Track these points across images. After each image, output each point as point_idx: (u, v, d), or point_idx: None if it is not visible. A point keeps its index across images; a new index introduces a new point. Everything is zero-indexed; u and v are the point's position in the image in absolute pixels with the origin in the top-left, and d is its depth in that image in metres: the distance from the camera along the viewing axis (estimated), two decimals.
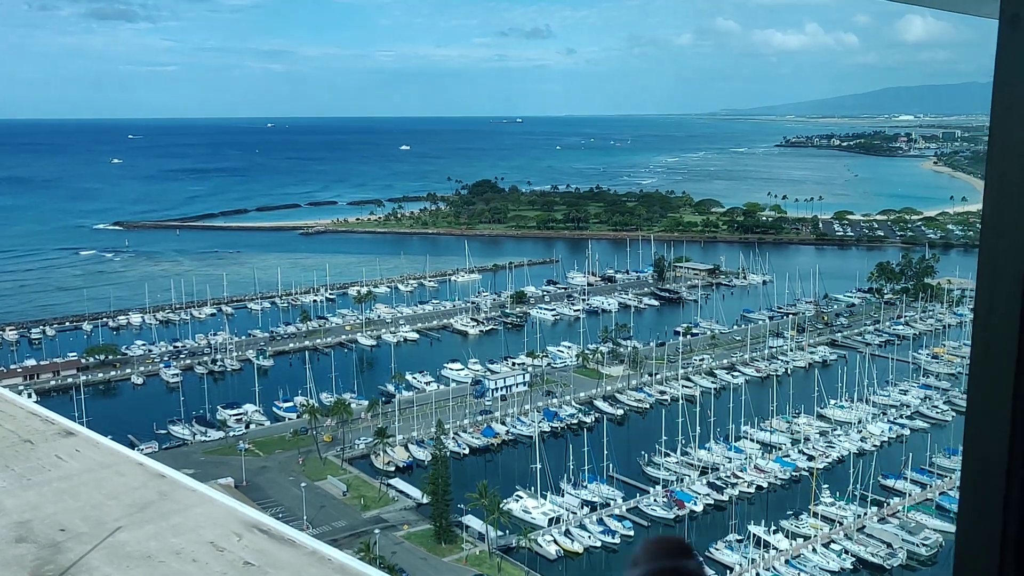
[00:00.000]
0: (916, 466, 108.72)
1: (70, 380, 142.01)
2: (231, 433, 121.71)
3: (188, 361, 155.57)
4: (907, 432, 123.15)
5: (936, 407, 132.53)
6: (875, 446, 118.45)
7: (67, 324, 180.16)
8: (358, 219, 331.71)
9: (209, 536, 7.40)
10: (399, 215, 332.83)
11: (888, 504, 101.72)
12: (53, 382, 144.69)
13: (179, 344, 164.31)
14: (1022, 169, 1.90)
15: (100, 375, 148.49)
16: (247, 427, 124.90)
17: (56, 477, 8.60)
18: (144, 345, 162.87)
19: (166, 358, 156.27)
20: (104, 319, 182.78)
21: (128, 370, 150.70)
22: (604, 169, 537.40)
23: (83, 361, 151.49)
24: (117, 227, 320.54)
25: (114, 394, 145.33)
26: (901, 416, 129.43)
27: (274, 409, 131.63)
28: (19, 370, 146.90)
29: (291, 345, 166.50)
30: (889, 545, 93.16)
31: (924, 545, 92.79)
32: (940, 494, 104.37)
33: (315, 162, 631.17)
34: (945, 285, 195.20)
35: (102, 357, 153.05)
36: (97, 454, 9.15)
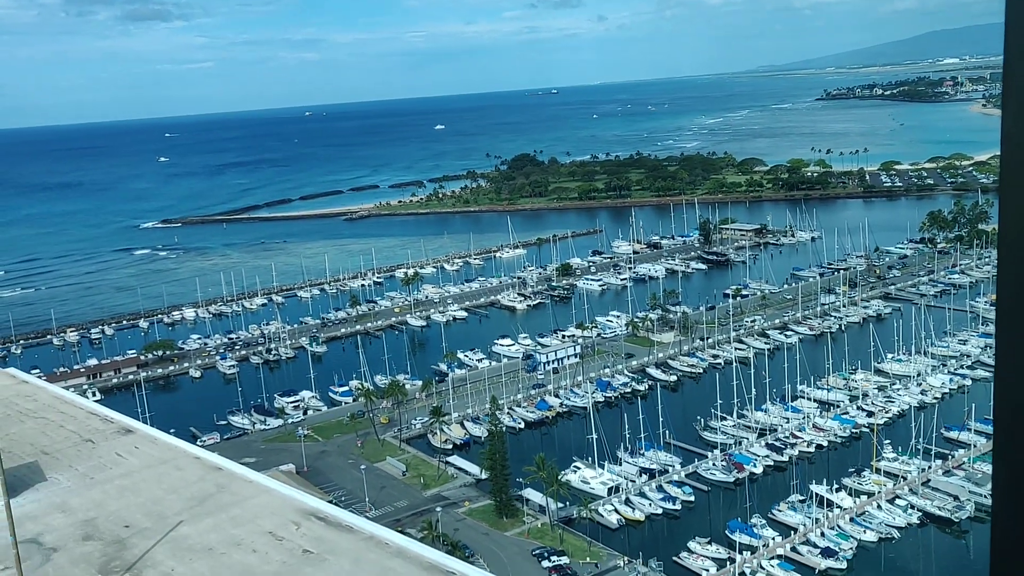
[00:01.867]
0: (980, 416, 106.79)
1: (131, 377, 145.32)
2: (289, 420, 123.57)
3: (243, 352, 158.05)
4: (968, 383, 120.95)
5: None
6: (936, 398, 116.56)
7: (124, 323, 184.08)
8: (400, 201, 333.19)
9: (268, 526, 7.48)
10: (440, 195, 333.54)
11: (953, 456, 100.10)
12: (115, 380, 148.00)
13: (233, 336, 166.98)
14: None
15: (159, 370, 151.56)
16: (305, 413, 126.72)
17: (118, 474, 8.75)
18: (199, 339, 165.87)
19: (221, 350, 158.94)
20: (159, 315, 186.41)
21: (186, 364, 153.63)
22: (646, 135, 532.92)
23: (142, 358, 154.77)
24: (166, 225, 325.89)
25: (174, 388, 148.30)
26: (962, 367, 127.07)
27: (330, 394, 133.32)
28: (82, 370, 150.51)
29: (342, 330, 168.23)
30: (956, 498, 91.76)
31: (991, 496, 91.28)
32: None
33: (354, 147, 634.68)
34: None
35: (160, 353, 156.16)
36: (155, 450, 9.30)
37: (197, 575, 6.68)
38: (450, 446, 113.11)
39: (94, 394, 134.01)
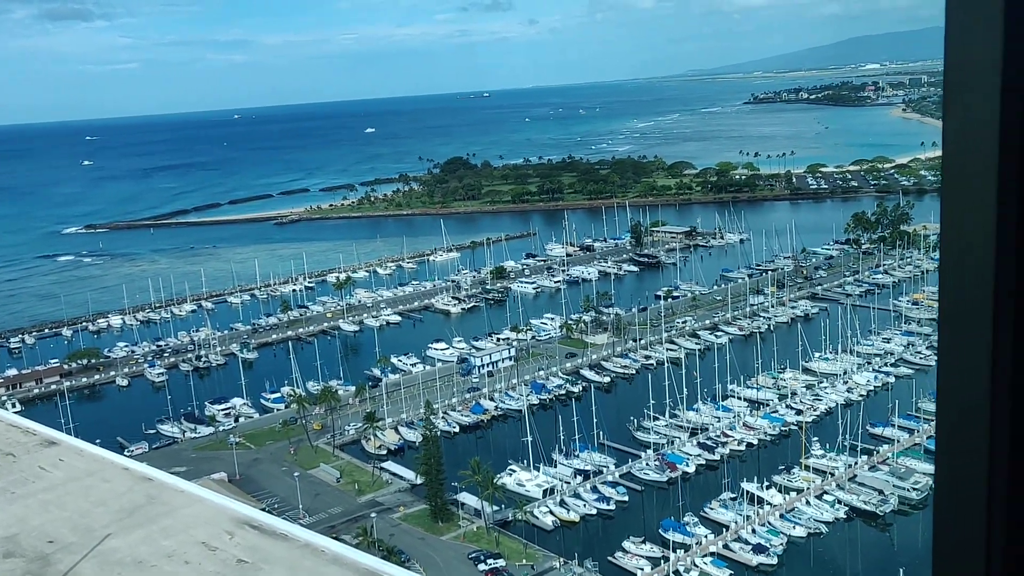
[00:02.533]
0: (903, 412, 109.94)
1: (54, 387, 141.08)
2: (221, 428, 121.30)
3: (172, 359, 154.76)
4: (892, 380, 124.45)
5: (919, 353, 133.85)
6: (861, 396, 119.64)
7: (46, 331, 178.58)
8: (331, 205, 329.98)
9: (200, 536, 7.34)
10: (372, 198, 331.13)
11: (877, 452, 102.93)
12: (37, 390, 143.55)
13: (162, 343, 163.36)
14: (975, 125, 1.88)
15: (84, 380, 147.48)
16: (236, 421, 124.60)
17: (41, 488, 8.49)
18: (127, 346, 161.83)
19: (150, 358, 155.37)
20: (84, 323, 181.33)
21: (112, 372, 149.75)
22: (579, 139, 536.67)
23: (65, 367, 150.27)
24: (90, 230, 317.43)
25: (100, 398, 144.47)
26: (885, 364, 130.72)
27: (262, 401, 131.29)
28: (1, 381, 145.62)
29: (274, 336, 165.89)
30: (881, 492, 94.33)
31: (915, 489, 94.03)
32: (927, 438, 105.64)
33: (284, 151, 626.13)
34: (921, 231, 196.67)
35: (85, 362, 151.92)
36: (81, 462, 9.04)
37: None
38: (384, 452, 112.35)
39: (14, 405, 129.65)
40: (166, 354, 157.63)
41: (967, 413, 2.02)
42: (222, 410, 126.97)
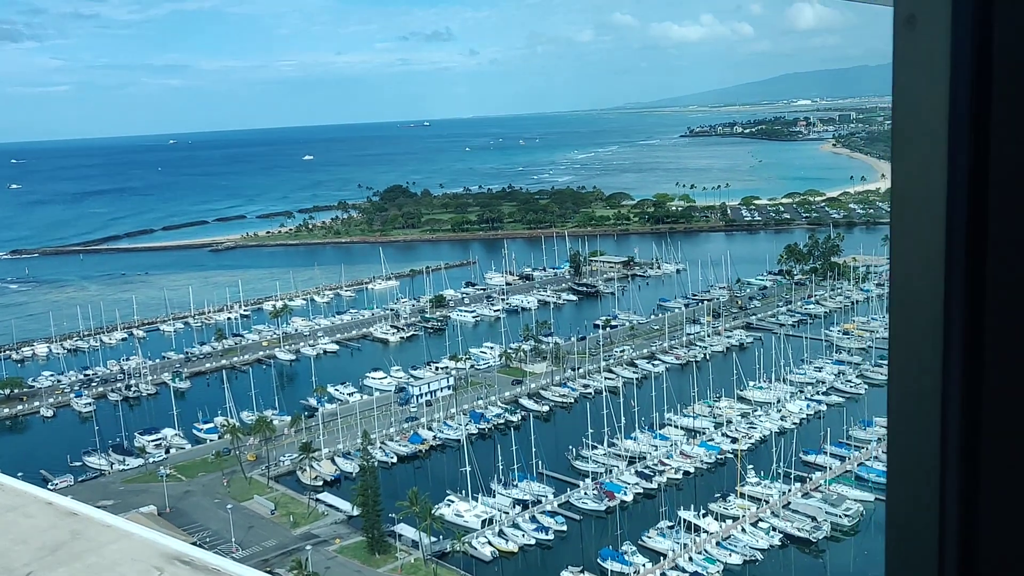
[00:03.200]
0: (835, 440, 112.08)
1: None
2: (151, 459, 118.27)
3: (100, 389, 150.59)
4: (824, 408, 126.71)
5: (850, 381, 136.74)
6: (795, 424, 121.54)
7: None
8: (268, 232, 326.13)
9: (128, 573, 7.07)
10: (310, 226, 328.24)
11: (810, 479, 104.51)
12: None
13: (90, 372, 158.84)
14: (923, 168, 1.94)
15: (6, 410, 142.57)
16: (167, 452, 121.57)
17: None
18: (52, 376, 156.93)
19: (77, 387, 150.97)
20: (7, 351, 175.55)
21: (36, 403, 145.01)
22: (520, 169, 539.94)
23: None
24: (15, 256, 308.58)
25: (22, 429, 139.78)
26: (817, 393, 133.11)
27: (194, 431, 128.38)
28: None
29: (208, 365, 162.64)
30: (814, 519, 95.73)
31: (846, 516, 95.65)
32: (858, 465, 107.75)
33: (220, 177, 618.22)
34: (851, 263, 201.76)
35: (7, 392, 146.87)
36: (1, 497, 8.68)
37: None
38: (320, 483, 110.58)
39: None
40: (94, 384, 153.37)
41: (918, 429, 2.01)
42: (152, 441, 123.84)
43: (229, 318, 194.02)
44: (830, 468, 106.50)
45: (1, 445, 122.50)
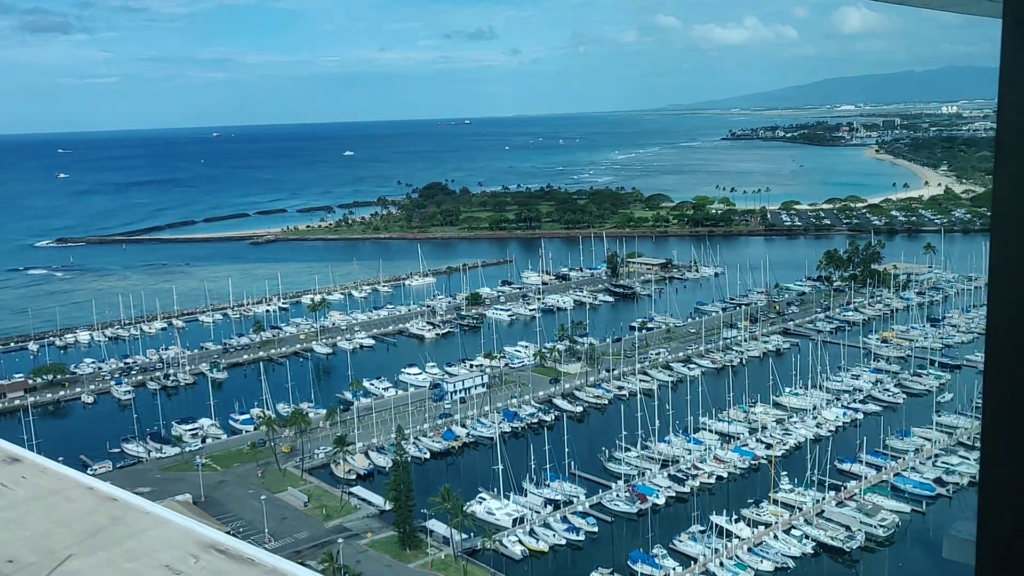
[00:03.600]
0: (870, 449, 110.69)
1: (17, 402, 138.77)
2: (187, 448, 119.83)
3: (140, 377, 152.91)
4: (860, 416, 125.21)
5: (887, 390, 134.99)
6: (830, 431, 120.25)
7: (12, 345, 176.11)
8: (308, 226, 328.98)
9: (165, 559, 7.19)
10: (350, 221, 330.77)
11: (845, 488, 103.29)
12: (0, 405, 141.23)
13: (130, 360, 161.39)
14: None
15: (48, 395, 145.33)
16: (203, 442, 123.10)
17: (2, 507, 8.31)
18: (93, 363, 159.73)
19: (117, 375, 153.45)
20: (50, 338, 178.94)
21: (78, 389, 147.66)
22: (560, 168, 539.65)
23: (30, 382, 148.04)
24: (62, 244, 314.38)
25: (64, 414, 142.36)
26: (854, 401, 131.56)
27: (230, 422, 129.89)
28: None
29: (245, 356, 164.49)
30: (848, 528, 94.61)
31: (881, 526, 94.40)
32: (895, 475, 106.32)
33: (262, 170, 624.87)
34: (891, 270, 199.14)
35: (50, 377, 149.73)
36: (45, 480, 8.87)
37: None
38: (354, 476, 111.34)
39: None
40: (134, 372, 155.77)
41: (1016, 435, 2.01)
42: (189, 430, 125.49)
43: (267, 310, 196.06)
44: (865, 477, 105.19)
45: (44, 429, 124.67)
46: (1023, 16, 1.88)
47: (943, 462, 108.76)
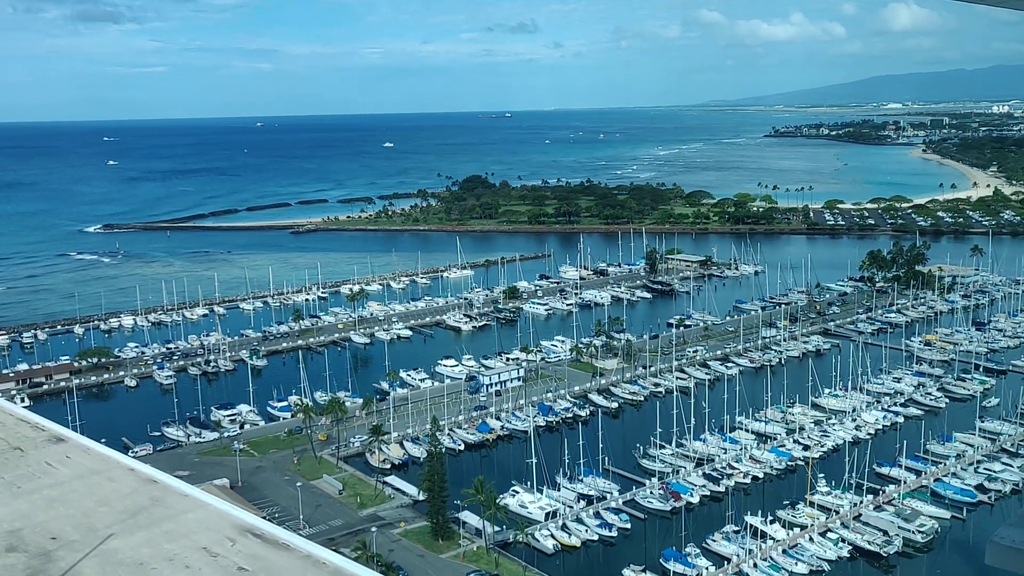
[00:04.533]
0: (910, 453, 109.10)
1: (63, 384, 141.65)
2: (226, 434, 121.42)
3: (181, 362, 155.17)
4: (901, 420, 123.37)
5: (930, 394, 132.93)
6: (869, 434, 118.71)
7: (59, 328, 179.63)
8: (348, 217, 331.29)
9: (203, 541, 7.31)
10: (390, 212, 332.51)
11: (883, 492, 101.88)
12: (46, 386, 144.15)
13: (172, 345, 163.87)
14: None
15: (93, 378, 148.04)
16: (241, 427, 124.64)
17: (47, 484, 8.49)
18: (136, 347, 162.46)
19: (159, 360, 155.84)
20: (96, 322, 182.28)
21: (121, 372, 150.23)
22: (603, 163, 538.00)
23: (75, 364, 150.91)
24: (108, 230, 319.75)
25: (107, 397, 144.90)
26: (895, 404, 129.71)
27: (268, 409, 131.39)
28: (11, 375, 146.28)
29: (284, 344, 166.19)
30: (885, 532, 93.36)
31: (920, 532, 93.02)
32: (934, 481, 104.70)
33: (304, 160, 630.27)
34: (936, 272, 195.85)
35: (94, 360, 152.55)
36: (88, 460, 9.04)
37: None
38: (388, 466, 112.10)
39: (23, 400, 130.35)
40: (175, 357, 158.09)
41: None
42: (228, 416, 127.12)
43: (307, 299, 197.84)
44: (905, 482, 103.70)
45: (88, 411, 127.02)
46: None
47: (985, 468, 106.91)
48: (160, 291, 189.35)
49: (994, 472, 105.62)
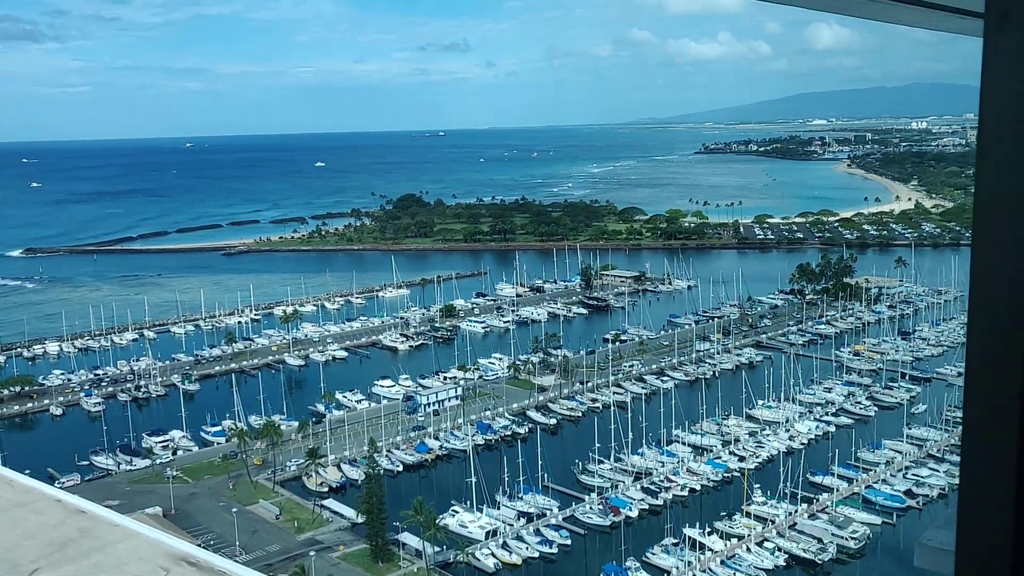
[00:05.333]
0: (842, 461, 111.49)
1: None
2: (157, 461, 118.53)
3: (110, 389, 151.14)
4: (832, 429, 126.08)
5: (859, 403, 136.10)
6: (803, 444, 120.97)
7: None
8: (281, 237, 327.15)
9: (134, 572, 7.10)
10: (323, 232, 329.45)
11: (817, 500, 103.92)
12: None
13: (100, 372, 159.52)
14: (1015, 176, 1.89)
15: (16, 407, 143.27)
16: (174, 454, 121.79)
17: None
18: (63, 374, 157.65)
19: (86, 387, 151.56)
20: (18, 349, 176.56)
21: (46, 401, 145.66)
22: (539, 181, 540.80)
23: None
24: (30, 255, 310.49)
25: (32, 426, 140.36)
26: (826, 413, 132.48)
27: (202, 434, 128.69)
28: None
29: (217, 368, 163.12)
30: (820, 540, 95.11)
31: (852, 538, 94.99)
32: (866, 487, 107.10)
33: (234, 180, 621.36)
34: (863, 284, 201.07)
35: (17, 388, 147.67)
36: (10, 492, 8.73)
37: None
38: (326, 489, 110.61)
39: None
40: (104, 383, 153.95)
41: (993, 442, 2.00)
42: (160, 442, 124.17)
43: (240, 322, 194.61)
44: (837, 490, 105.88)
45: (10, 442, 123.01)
46: (1005, 12, 1.84)
47: (913, 474, 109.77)
48: (87, 316, 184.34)
49: (921, 477, 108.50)
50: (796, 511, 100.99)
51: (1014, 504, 1.91)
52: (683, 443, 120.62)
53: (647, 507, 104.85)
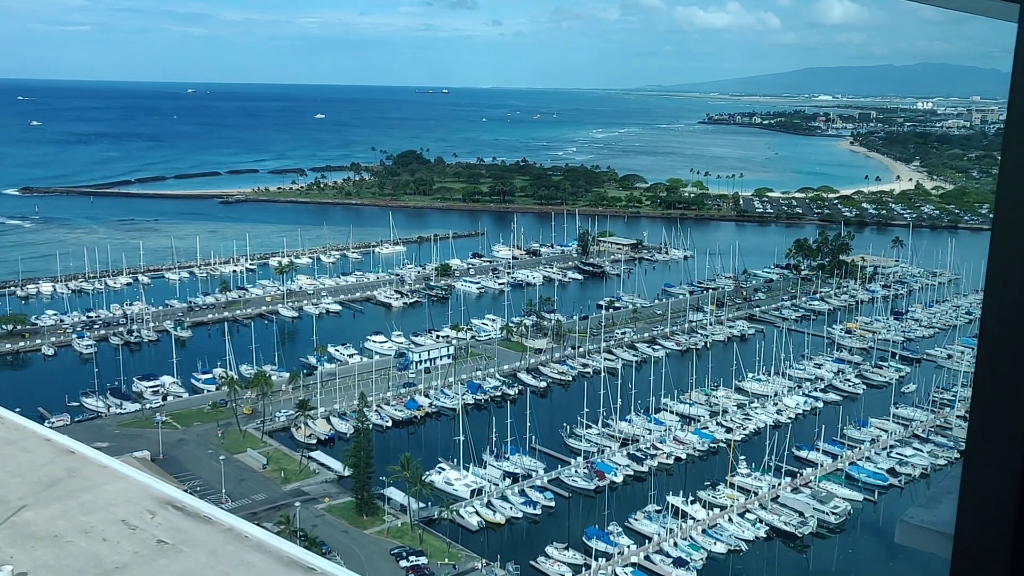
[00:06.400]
0: (828, 437, 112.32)
1: None
2: (147, 405, 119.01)
3: (102, 331, 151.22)
4: (820, 405, 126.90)
5: (849, 380, 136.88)
6: (790, 418, 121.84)
7: None
8: (280, 188, 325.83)
9: (121, 514, 7.16)
10: (322, 185, 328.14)
11: (801, 474, 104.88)
12: None
13: (93, 314, 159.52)
14: None
15: (8, 346, 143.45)
16: (164, 399, 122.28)
17: None
18: (55, 315, 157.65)
19: (79, 328, 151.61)
20: (11, 288, 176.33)
21: (38, 340, 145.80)
22: (545, 143, 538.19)
23: None
24: (26, 193, 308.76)
25: (23, 366, 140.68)
26: (815, 389, 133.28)
27: (192, 381, 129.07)
28: None
29: (210, 316, 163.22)
30: (801, 514, 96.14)
31: (834, 513, 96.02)
32: (849, 464, 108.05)
33: (234, 129, 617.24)
34: (859, 262, 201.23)
35: (9, 327, 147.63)
36: (1, 430, 8.78)
37: (39, 563, 6.33)
38: (314, 441, 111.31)
39: None
40: (96, 326, 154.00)
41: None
42: (150, 387, 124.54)
43: (234, 271, 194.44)
44: (821, 465, 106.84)
45: (1, 380, 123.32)
46: None
47: (897, 453, 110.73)
48: (82, 258, 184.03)
49: (905, 456, 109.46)
50: (779, 484, 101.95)
51: (1017, 491, 1.94)
52: (671, 412, 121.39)
53: (632, 473, 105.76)
